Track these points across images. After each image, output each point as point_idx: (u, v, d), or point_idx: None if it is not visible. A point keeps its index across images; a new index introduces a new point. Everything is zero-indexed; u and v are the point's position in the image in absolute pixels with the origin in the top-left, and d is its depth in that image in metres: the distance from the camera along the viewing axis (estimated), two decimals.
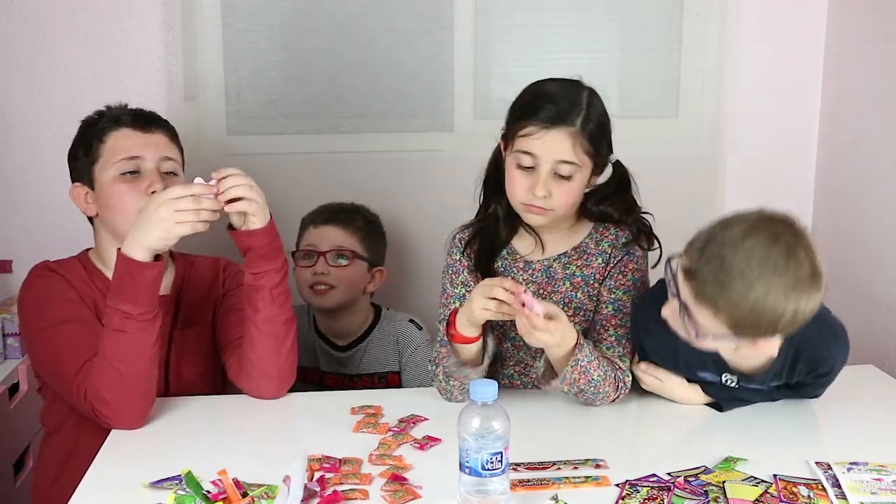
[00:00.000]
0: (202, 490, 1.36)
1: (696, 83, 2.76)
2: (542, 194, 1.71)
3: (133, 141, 1.83)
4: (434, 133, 2.70)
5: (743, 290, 1.43)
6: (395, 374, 2.32)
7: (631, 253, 1.81)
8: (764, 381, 1.73)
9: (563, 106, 1.71)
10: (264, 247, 1.73)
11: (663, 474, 1.49)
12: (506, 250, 1.86)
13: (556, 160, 1.70)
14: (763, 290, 1.43)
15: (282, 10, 2.60)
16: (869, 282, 2.54)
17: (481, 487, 1.34)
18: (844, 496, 1.41)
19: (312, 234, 2.31)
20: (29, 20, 2.48)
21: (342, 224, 2.31)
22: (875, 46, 2.52)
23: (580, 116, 1.70)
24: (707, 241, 1.49)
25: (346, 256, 2.27)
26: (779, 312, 1.45)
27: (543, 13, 2.69)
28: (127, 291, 1.64)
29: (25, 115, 2.52)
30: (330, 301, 2.27)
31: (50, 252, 1.95)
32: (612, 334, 1.78)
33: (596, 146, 1.72)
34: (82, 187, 1.85)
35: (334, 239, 2.29)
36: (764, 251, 1.44)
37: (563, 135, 1.69)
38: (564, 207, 1.76)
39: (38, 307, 1.77)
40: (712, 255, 1.46)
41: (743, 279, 1.43)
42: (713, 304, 1.47)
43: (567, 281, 1.82)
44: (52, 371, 1.77)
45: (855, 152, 2.64)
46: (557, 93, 1.74)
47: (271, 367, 1.79)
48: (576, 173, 1.72)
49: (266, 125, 2.65)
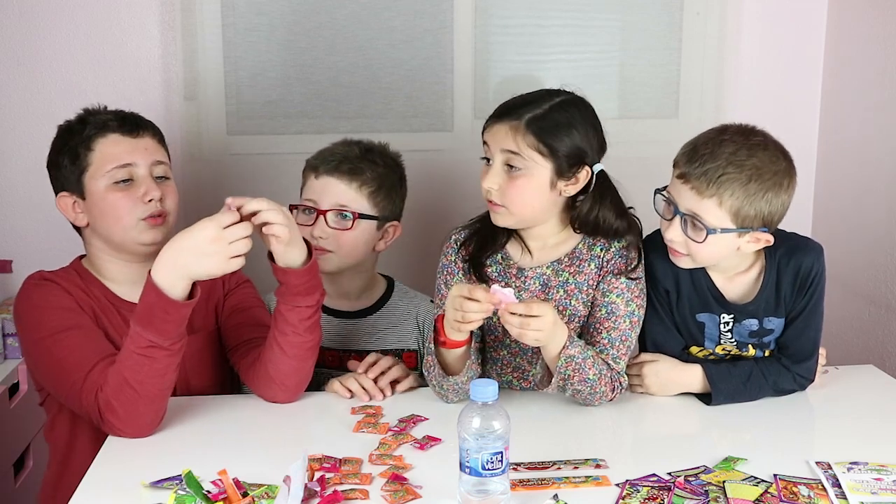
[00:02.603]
0: (202, 490, 1.36)
1: (696, 83, 2.76)
2: (488, 185, 1.76)
3: (122, 147, 1.78)
4: (434, 133, 2.70)
5: (737, 172, 1.65)
6: (411, 352, 2.08)
7: (623, 256, 1.81)
8: (756, 312, 1.79)
9: (517, 103, 1.78)
10: (301, 285, 1.68)
11: (663, 474, 1.49)
12: (500, 255, 1.86)
13: (501, 149, 1.75)
14: (754, 169, 1.65)
15: (282, 10, 2.61)
16: (869, 282, 2.54)
17: (481, 487, 1.34)
18: (844, 496, 1.41)
19: (314, 186, 2.02)
20: (29, 20, 2.48)
21: (347, 177, 2.00)
22: (875, 46, 2.52)
23: (531, 113, 1.74)
24: (692, 146, 1.71)
25: (348, 217, 2.00)
26: (772, 193, 1.66)
27: (543, 13, 2.69)
28: (157, 324, 1.57)
29: (25, 115, 2.52)
30: (328, 265, 1.99)
31: (50, 252, 1.94)
32: (605, 337, 1.77)
33: (547, 144, 1.73)
34: (70, 197, 1.80)
35: (337, 195, 1.99)
36: (742, 137, 1.70)
37: (506, 127, 1.75)
38: (517, 206, 1.76)
39: (35, 317, 1.72)
40: (702, 153, 1.68)
41: (735, 161, 1.65)
42: (717, 193, 1.65)
43: (561, 288, 1.82)
44: (56, 381, 1.72)
45: (855, 152, 2.64)
46: (524, 96, 1.80)
47: (291, 381, 1.77)
48: (526, 169, 1.74)
49: (266, 125, 2.65)
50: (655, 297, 1.83)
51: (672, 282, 1.81)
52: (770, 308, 1.81)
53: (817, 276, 1.80)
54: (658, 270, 1.82)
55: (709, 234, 1.68)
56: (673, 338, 1.84)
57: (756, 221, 1.68)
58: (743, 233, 1.70)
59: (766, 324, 1.81)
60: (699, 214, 1.68)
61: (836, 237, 2.63)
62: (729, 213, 1.67)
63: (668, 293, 1.82)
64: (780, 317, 1.81)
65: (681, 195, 1.70)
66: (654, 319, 1.83)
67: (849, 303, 2.56)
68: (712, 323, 1.82)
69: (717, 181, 1.65)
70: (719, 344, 1.84)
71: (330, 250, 1.99)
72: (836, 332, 2.57)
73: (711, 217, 1.67)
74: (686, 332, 1.84)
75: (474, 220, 1.90)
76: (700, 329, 1.83)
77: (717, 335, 1.83)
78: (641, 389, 1.82)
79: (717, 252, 1.73)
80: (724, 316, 1.81)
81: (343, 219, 1.99)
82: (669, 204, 1.74)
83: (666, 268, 1.80)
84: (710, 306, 1.81)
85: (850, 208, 2.63)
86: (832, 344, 1.92)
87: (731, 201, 1.66)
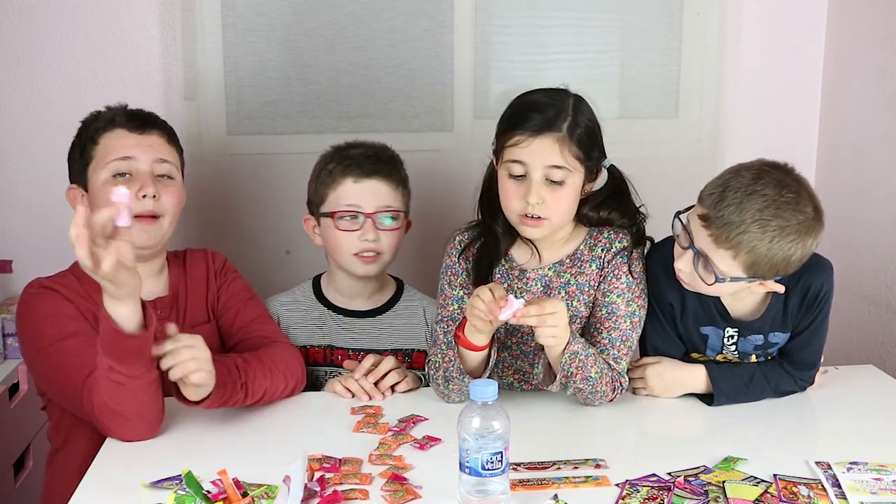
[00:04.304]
0: (202, 490, 1.36)
1: (696, 83, 2.76)
2: (535, 200, 1.72)
3: (125, 142, 1.80)
4: (434, 133, 2.70)
5: (760, 232, 1.59)
6: (421, 352, 2.06)
7: (625, 256, 1.81)
8: (762, 328, 1.78)
9: (550, 113, 1.73)
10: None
11: (663, 474, 1.49)
12: (503, 258, 1.86)
13: (545, 166, 1.72)
14: (778, 230, 1.60)
15: (282, 10, 2.60)
16: (869, 282, 2.54)
17: (481, 487, 1.34)
18: (844, 496, 1.41)
19: (353, 191, 1.98)
20: (29, 20, 2.48)
21: (386, 177, 1.99)
22: (875, 47, 2.52)
23: (566, 122, 1.72)
24: (721, 189, 1.64)
25: (395, 217, 1.99)
26: (792, 250, 1.61)
27: (543, 13, 2.69)
28: (121, 355, 1.54)
29: (25, 115, 2.52)
30: (377, 268, 2.00)
31: (50, 252, 1.94)
32: (606, 337, 1.78)
33: (585, 151, 1.74)
34: (77, 189, 1.83)
35: (382, 197, 1.97)
36: (775, 191, 1.61)
37: (550, 140, 1.71)
38: (559, 216, 1.76)
39: (36, 327, 1.73)
40: (728, 203, 1.61)
41: (760, 221, 1.59)
42: (734, 247, 1.61)
43: (562, 290, 1.82)
44: (57, 386, 1.73)
45: (855, 152, 2.64)
46: (543, 101, 1.76)
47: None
48: (567, 179, 1.73)
49: (266, 125, 2.65)
50: (659, 308, 1.81)
51: (678, 296, 1.79)
52: (776, 324, 1.79)
53: (826, 296, 1.78)
54: (664, 284, 1.79)
55: (717, 281, 1.65)
56: (674, 344, 1.84)
57: (769, 273, 1.65)
58: (753, 281, 1.67)
59: (771, 338, 1.80)
60: (712, 260, 1.64)
61: (835, 237, 2.61)
62: (742, 266, 1.63)
63: (673, 307, 1.81)
64: (785, 332, 1.80)
65: (698, 234, 1.66)
66: (656, 327, 1.82)
67: (849, 303, 2.55)
68: (716, 336, 1.81)
69: (737, 237, 1.60)
70: (720, 353, 1.83)
71: (380, 252, 2.00)
72: (836, 332, 2.56)
73: (724, 266, 1.64)
74: (689, 341, 1.84)
75: (475, 223, 1.90)
76: (703, 340, 1.82)
77: (720, 346, 1.82)
78: (645, 392, 1.82)
79: (722, 291, 1.72)
80: (728, 330, 1.80)
81: (390, 219, 2.00)
82: (686, 233, 1.68)
83: (671, 283, 1.77)
84: (715, 321, 1.80)
85: (849, 208, 2.63)
86: (832, 344, 1.91)
87: (746, 257, 1.62)
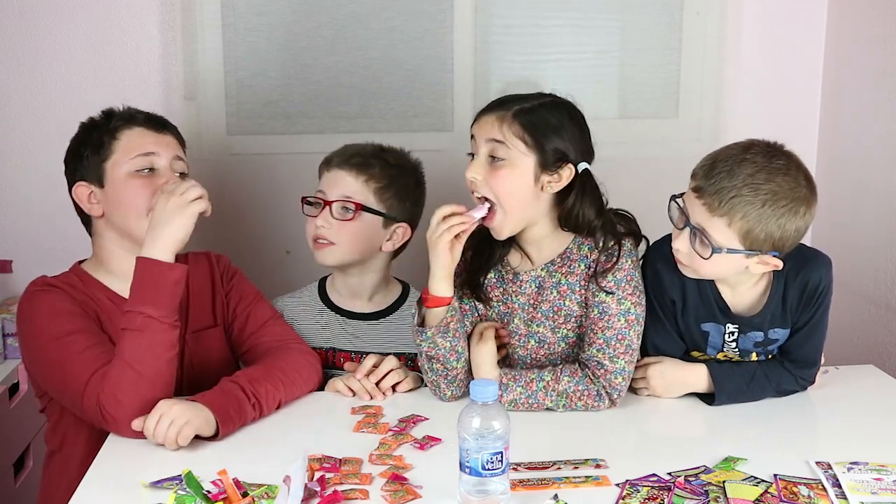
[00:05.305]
0: (202, 490, 1.36)
1: (696, 83, 2.76)
2: (472, 175, 1.77)
3: (147, 139, 1.83)
4: (434, 133, 2.70)
5: (752, 195, 1.61)
6: None
7: (611, 255, 1.80)
8: (762, 324, 1.78)
9: (506, 99, 1.80)
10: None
11: (663, 474, 1.49)
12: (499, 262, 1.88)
13: (486, 139, 1.76)
14: (770, 194, 1.61)
15: (282, 10, 2.61)
16: (869, 282, 2.54)
17: (481, 487, 1.34)
18: (844, 496, 1.41)
19: (324, 179, 2.06)
20: (29, 20, 2.48)
21: (355, 170, 2.03)
22: (875, 47, 2.52)
23: (519, 105, 1.77)
24: (711, 161, 1.67)
25: (351, 209, 2.02)
26: (786, 217, 1.62)
27: (543, 13, 2.69)
28: (148, 294, 1.64)
29: (25, 115, 2.52)
30: (329, 258, 2.03)
31: (50, 252, 1.94)
32: (601, 336, 1.77)
33: (533, 136, 1.74)
34: (87, 186, 1.83)
35: (343, 187, 2.02)
36: (765, 159, 1.64)
37: (494, 116, 1.78)
38: (504, 197, 1.76)
39: (39, 323, 1.73)
40: (720, 170, 1.64)
41: (752, 185, 1.61)
42: (727, 213, 1.62)
43: (554, 289, 1.82)
44: (59, 384, 1.73)
45: (855, 152, 2.64)
46: (515, 94, 1.83)
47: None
48: (510, 158, 1.74)
49: (266, 125, 2.66)
50: (660, 305, 1.81)
51: (679, 291, 1.80)
52: (776, 320, 1.79)
53: (824, 291, 1.78)
54: (665, 279, 1.80)
55: (714, 253, 1.65)
56: (674, 343, 1.84)
57: (766, 245, 1.65)
58: (751, 255, 1.67)
59: (770, 335, 1.80)
60: (707, 231, 1.65)
61: (836, 237, 2.63)
62: (738, 235, 1.64)
63: (674, 303, 1.81)
64: (785, 328, 1.80)
65: (693, 208, 1.68)
66: (657, 326, 1.82)
67: (849, 303, 2.55)
68: (717, 333, 1.81)
69: (729, 201, 1.62)
70: (721, 351, 1.84)
71: (331, 242, 2.01)
72: (836, 332, 2.56)
73: (719, 236, 1.65)
74: (689, 339, 1.84)
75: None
76: (704, 338, 1.83)
77: (721, 344, 1.82)
78: (647, 392, 1.82)
79: (721, 270, 1.72)
80: (729, 326, 1.80)
81: (346, 210, 2.01)
82: (682, 213, 1.71)
83: (673, 277, 1.78)
84: (715, 317, 1.80)
85: (850, 208, 2.63)
86: (832, 344, 1.91)
87: (740, 223, 1.63)
